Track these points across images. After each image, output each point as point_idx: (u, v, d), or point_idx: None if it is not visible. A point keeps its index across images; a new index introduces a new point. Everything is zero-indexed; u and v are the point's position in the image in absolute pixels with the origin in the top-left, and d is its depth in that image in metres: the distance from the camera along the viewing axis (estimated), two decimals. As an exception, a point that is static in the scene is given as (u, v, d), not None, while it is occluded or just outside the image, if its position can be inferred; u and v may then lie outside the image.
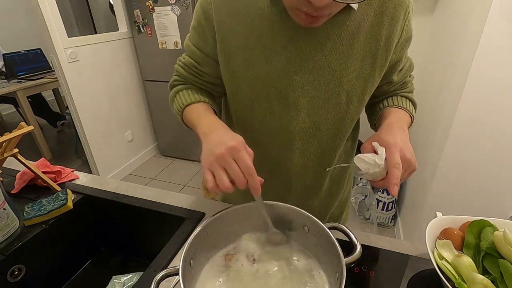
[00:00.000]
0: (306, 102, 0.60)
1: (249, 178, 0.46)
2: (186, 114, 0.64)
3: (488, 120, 1.16)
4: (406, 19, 0.55)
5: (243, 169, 0.46)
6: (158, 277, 0.44)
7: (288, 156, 0.67)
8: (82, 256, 0.84)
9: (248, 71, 0.59)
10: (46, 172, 0.85)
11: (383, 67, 0.59)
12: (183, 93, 0.66)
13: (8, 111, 4.28)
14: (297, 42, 0.54)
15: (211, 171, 0.47)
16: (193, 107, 0.64)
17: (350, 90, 0.59)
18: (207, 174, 0.47)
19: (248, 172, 0.46)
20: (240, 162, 0.46)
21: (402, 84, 0.69)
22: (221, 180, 0.46)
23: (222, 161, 0.46)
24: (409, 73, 0.69)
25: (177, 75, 0.69)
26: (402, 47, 0.59)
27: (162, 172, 2.77)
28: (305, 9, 0.45)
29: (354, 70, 0.57)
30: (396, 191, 0.46)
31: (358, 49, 0.55)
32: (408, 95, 0.69)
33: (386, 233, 1.96)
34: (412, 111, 0.68)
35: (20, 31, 4.20)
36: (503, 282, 0.46)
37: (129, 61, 2.61)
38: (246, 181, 0.46)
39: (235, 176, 0.46)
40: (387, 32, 0.55)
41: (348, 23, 0.53)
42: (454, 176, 1.32)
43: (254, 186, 0.47)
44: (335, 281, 0.45)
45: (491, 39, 1.05)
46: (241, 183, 0.46)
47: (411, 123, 0.67)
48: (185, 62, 0.66)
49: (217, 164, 0.47)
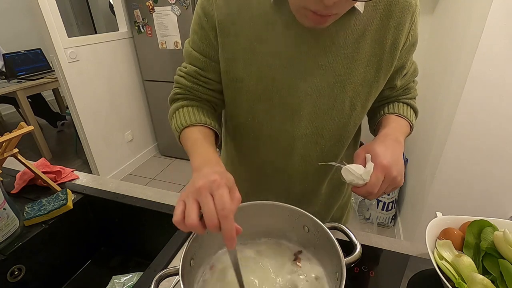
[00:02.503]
0: (309, 108, 0.58)
1: (223, 221, 0.38)
2: (184, 137, 0.58)
3: (488, 120, 1.16)
4: (412, 23, 0.54)
5: (218, 207, 0.38)
6: (158, 277, 0.44)
7: (288, 161, 0.66)
8: (82, 256, 0.84)
9: (249, 75, 0.57)
10: (46, 172, 0.85)
11: (388, 72, 0.57)
12: (183, 111, 0.60)
13: (8, 111, 4.28)
14: (301, 45, 0.53)
15: (185, 202, 0.40)
16: (192, 132, 0.58)
17: (354, 95, 0.57)
18: (178, 206, 0.40)
19: (222, 213, 0.38)
20: (217, 198, 0.39)
21: (405, 90, 0.67)
22: (188, 214, 0.39)
23: (197, 194, 0.40)
24: (413, 78, 0.67)
25: (179, 86, 0.63)
26: (407, 52, 0.58)
27: (162, 172, 2.77)
28: (313, 7, 0.43)
29: (359, 75, 0.55)
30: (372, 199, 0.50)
31: (363, 54, 0.54)
32: (410, 102, 0.67)
33: (386, 233, 1.96)
34: (413, 119, 0.66)
35: (20, 31, 4.20)
36: (503, 282, 0.46)
37: (129, 61, 2.61)
38: (218, 223, 0.38)
39: (206, 214, 0.38)
40: (393, 36, 0.53)
41: (353, 27, 0.52)
42: (454, 176, 1.32)
43: (226, 233, 0.38)
44: (335, 281, 0.45)
45: (491, 39, 1.05)
46: (211, 224, 0.38)
47: (410, 132, 0.66)
48: (188, 71, 0.62)
49: (191, 197, 0.40)
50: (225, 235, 0.38)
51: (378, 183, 0.48)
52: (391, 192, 1.89)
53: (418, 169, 1.68)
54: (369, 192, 0.49)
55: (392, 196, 1.89)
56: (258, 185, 0.73)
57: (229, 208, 0.38)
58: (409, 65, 0.62)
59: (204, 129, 0.58)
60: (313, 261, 0.54)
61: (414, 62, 0.65)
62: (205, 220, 0.38)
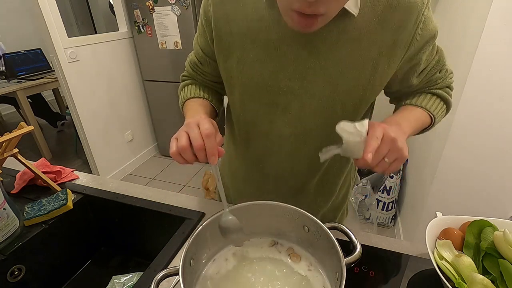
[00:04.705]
0: (297, 108, 0.58)
1: (206, 140, 0.47)
2: (185, 107, 0.67)
3: (488, 120, 1.16)
4: (419, 23, 0.50)
5: (202, 131, 0.47)
6: (158, 277, 0.44)
7: (277, 159, 0.67)
8: (82, 256, 0.84)
9: (241, 72, 0.58)
10: (46, 172, 0.85)
11: (386, 75, 0.56)
12: (188, 88, 0.70)
13: (8, 111, 4.28)
14: (292, 46, 0.53)
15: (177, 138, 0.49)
16: (191, 102, 0.67)
17: (346, 98, 0.56)
18: (173, 142, 0.49)
19: (205, 133, 0.47)
20: (202, 125, 0.48)
21: (427, 82, 0.63)
22: (179, 141, 0.48)
23: (187, 127, 0.49)
24: (439, 69, 0.61)
25: (186, 70, 0.73)
26: (419, 50, 0.54)
27: (162, 172, 2.77)
28: (297, 6, 0.41)
29: (352, 78, 0.54)
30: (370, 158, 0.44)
31: (357, 57, 0.53)
32: (436, 91, 0.63)
33: (386, 233, 1.96)
34: (435, 109, 0.62)
35: (20, 31, 4.20)
36: (503, 282, 0.46)
37: (129, 61, 2.61)
38: (203, 144, 0.47)
39: (193, 138, 0.47)
40: (392, 39, 0.51)
41: (347, 30, 0.51)
42: (454, 176, 1.32)
43: (209, 149, 0.47)
44: (335, 281, 0.45)
45: (491, 40, 1.05)
46: (196, 143, 0.46)
47: (432, 123, 0.63)
48: (191, 60, 0.70)
49: (182, 130, 0.49)
50: (208, 152, 0.47)
51: (375, 140, 0.44)
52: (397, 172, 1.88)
53: (418, 169, 1.68)
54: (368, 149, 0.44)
55: (392, 196, 1.89)
56: (252, 182, 0.75)
57: (212, 130, 0.47)
58: (428, 59, 0.58)
59: (202, 101, 0.67)
60: (313, 261, 0.54)
61: (439, 51, 0.59)
62: (192, 142, 0.47)
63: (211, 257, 0.55)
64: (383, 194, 1.91)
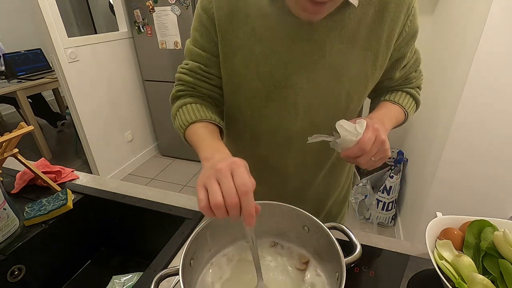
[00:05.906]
0: (305, 102, 0.59)
1: (243, 198, 0.38)
2: (190, 133, 0.58)
3: (488, 120, 1.16)
4: (409, 14, 0.54)
5: (237, 184, 0.38)
6: (158, 277, 0.44)
7: (285, 155, 0.67)
8: (82, 256, 0.84)
9: (247, 70, 0.58)
10: (46, 172, 0.85)
11: (384, 64, 0.58)
12: (187, 108, 0.61)
13: (8, 111, 4.28)
14: (297, 41, 0.54)
15: (206, 187, 0.40)
16: (198, 127, 0.58)
17: (351, 89, 0.58)
18: (201, 191, 0.40)
19: (242, 189, 0.38)
20: (237, 175, 0.39)
21: (405, 80, 0.67)
22: (213, 195, 0.38)
23: (218, 174, 0.39)
24: (414, 69, 0.66)
25: (181, 84, 0.64)
26: (406, 43, 0.58)
27: (162, 172, 2.77)
28: None
29: (355, 69, 0.56)
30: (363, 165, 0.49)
31: (359, 48, 0.55)
32: (411, 91, 0.67)
33: (386, 233, 1.96)
34: (409, 108, 0.66)
35: (20, 31, 4.20)
36: (503, 282, 0.46)
37: (129, 61, 2.61)
38: (238, 201, 0.38)
39: (226, 192, 0.38)
40: (389, 29, 0.54)
41: (348, 22, 0.53)
42: (454, 176, 1.32)
43: (246, 209, 0.38)
44: (335, 281, 0.45)
45: (491, 39, 1.05)
46: (231, 201, 0.37)
47: (404, 120, 0.67)
48: (190, 67, 0.63)
49: (212, 178, 0.39)
50: (244, 213, 0.38)
51: (369, 142, 0.47)
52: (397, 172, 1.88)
53: (418, 169, 1.68)
54: (361, 149, 0.47)
55: (392, 196, 1.89)
56: (259, 179, 0.73)
57: (250, 185, 0.38)
58: (409, 56, 0.62)
59: (209, 125, 0.59)
60: (313, 261, 0.54)
61: (417, 52, 0.65)
62: (225, 198, 0.38)
63: (211, 257, 0.55)
64: (383, 194, 1.91)
